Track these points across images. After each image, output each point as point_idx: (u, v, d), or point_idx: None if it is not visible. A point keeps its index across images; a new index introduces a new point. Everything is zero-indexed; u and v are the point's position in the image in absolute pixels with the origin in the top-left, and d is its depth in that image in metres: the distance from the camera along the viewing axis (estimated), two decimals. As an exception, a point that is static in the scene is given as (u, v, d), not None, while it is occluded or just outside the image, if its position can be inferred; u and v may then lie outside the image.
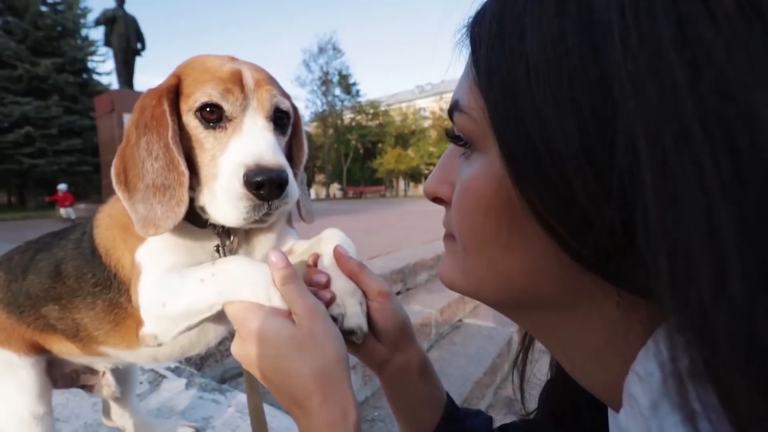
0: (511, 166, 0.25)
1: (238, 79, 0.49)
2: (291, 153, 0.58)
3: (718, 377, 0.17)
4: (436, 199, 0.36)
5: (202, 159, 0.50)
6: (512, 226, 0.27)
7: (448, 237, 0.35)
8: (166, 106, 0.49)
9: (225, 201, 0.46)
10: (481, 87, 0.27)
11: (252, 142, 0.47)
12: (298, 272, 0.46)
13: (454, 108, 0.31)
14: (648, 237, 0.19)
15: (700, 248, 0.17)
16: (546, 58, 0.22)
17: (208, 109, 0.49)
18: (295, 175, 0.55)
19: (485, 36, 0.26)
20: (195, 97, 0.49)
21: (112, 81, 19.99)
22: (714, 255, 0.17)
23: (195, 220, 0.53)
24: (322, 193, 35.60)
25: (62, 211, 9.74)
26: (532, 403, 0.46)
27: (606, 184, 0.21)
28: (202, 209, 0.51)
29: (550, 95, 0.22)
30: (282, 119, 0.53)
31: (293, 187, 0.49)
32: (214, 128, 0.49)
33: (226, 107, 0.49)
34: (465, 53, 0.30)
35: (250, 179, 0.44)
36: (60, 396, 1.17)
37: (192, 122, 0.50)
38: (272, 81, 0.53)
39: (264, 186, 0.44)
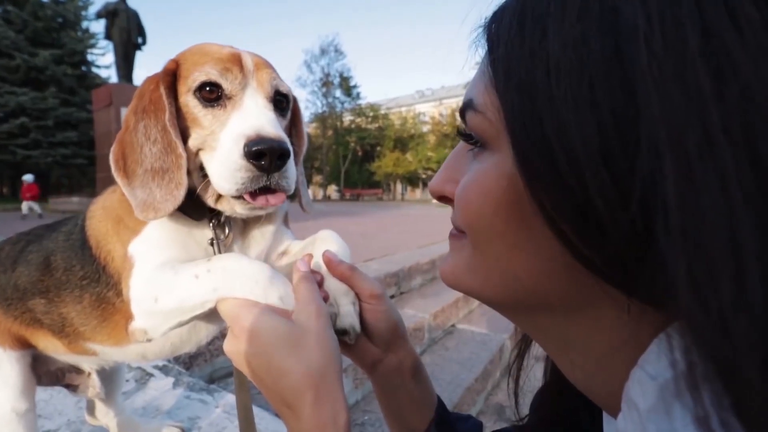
0: (524, 167, 0.24)
1: (237, 60, 0.49)
2: (291, 141, 0.58)
3: (734, 381, 0.17)
4: (442, 198, 0.35)
5: (201, 136, 0.49)
6: (521, 226, 0.27)
7: (454, 235, 0.35)
8: (163, 89, 0.49)
9: (222, 173, 0.46)
10: (498, 86, 0.26)
11: (253, 116, 0.47)
12: (312, 276, 0.46)
13: (467, 107, 0.30)
14: (669, 241, 0.19)
15: (721, 254, 0.17)
16: (567, 60, 0.22)
17: (207, 89, 0.49)
18: (296, 162, 0.55)
19: (504, 35, 0.26)
20: (194, 77, 0.49)
21: (111, 74, 19.96)
22: (735, 261, 0.17)
23: (190, 211, 0.52)
24: (320, 194, 35.56)
25: (24, 205, 8.74)
26: (525, 410, 0.46)
27: (623, 190, 0.21)
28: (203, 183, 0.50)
29: (570, 97, 0.22)
30: (282, 102, 0.53)
31: (293, 166, 0.48)
32: (213, 106, 0.49)
33: (226, 85, 0.48)
34: (480, 52, 0.30)
35: (251, 148, 0.44)
36: (44, 392, 1.15)
37: (191, 102, 0.49)
38: (271, 66, 0.53)
39: (265, 156, 0.44)
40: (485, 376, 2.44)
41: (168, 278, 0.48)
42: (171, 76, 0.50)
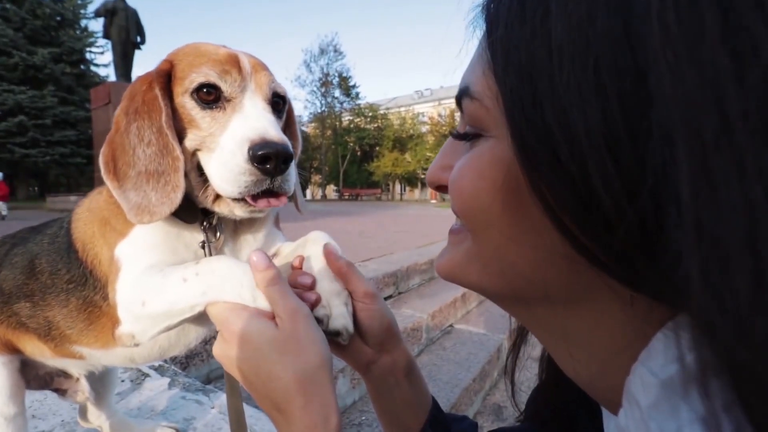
0: (523, 155, 0.23)
1: (235, 61, 0.49)
2: None
3: (748, 384, 0.16)
4: (441, 188, 0.34)
5: (198, 137, 0.49)
6: (519, 214, 0.26)
7: (454, 231, 0.34)
8: (158, 91, 0.48)
9: (225, 175, 0.45)
10: (496, 70, 0.25)
11: (255, 119, 0.47)
12: (281, 273, 0.45)
13: (463, 93, 0.29)
14: (681, 236, 0.17)
15: (738, 250, 0.16)
16: (571, 41, 0.21)
17: (205, 90, 0.48)
18: None
19: (504, 15, 0.25)
20: (191, 78, 0.48)
21: (109, 73, 19.92)
22: (753, 258, 0.16)
23: (182, 214, 0.51)
24: (319, 194, 35.56)
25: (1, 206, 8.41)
26: (523, 407, 0.46)
27: (629, 179, 0.20)
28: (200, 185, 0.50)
29: (574, 81, 0.20)
30: (278, 104, 0.53)
31: (293, 169, 0.48)
32: (211, 108, 0.48)
33: (225, 87, 0.48)
34: (478, 34, 0.29)
35: (256, 152, 0.43)
36: (38, 393, 1.14)
37: (188, 103, 0.49)
38: (267, 67, 0.53)
39: (270, 159, 0.44)
40: (483, 376, 2.43)
41: (156, 282, 0.47)
42: (165, 77, 0.49)
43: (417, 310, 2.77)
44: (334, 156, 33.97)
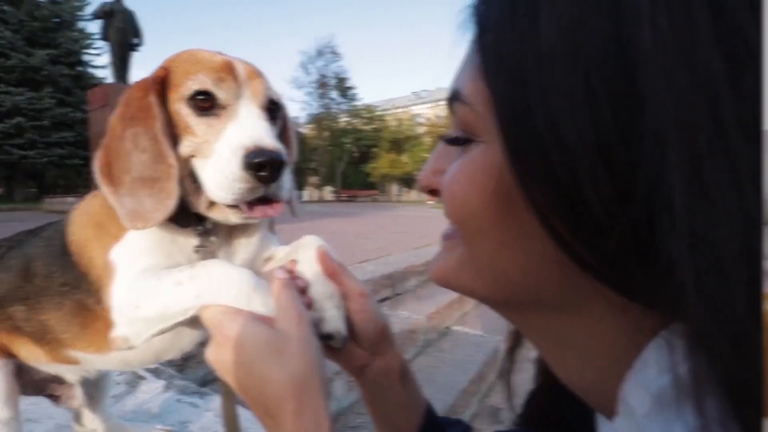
0: (514, 160, 0.23)
1: (230, 68, 0.49)
2: None
3: (744, 398, 0.16)
4: (433, 192, 0.34)
5: (193, 144, 0.49)
6: (511, 220, 0.26)
7: (446, 236, 0.34)
8: (153, 98, 0.48)
9: (219, 182, 0.46)
10: (487, 74, 0.25)
11: (250, 126, 0.47)
12: (291, 282, 0.46)
13: (454, 98, 0.29)
14: (675, 244, 0.17)
15: (734, 260, 0.16)
16: (561, 45, 0.20)
17: (200, 97, 0.48)
18: None
19: (493, 17, 0.24)
20: (187, 85, 0.48)
21: (107, 74, 19.86)
22: (749, 268, 0.16)
23: (177, 218, 0.51)
24: (316, 195, 35.53)
25: None
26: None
27: (621, 186, 0.19)
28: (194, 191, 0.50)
29: (563, 86, 0.20)
30: (273, 111, 0.54)
31: (288, 175, 0.49)
32: (207, 116, 0.49)
33: (220, 95, 0.48)
34: (469, 36, 0.28)
35: (251, 160, 0.44)
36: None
37: (183, 110, 0.49)
38: (262, 74, 0.53)
39: (264, 167, 0.44)
40: (480, 378, 2.44)
41: (150, 285, 0.48)
42: (160, 84, 0.50)
43: (414, 311, 2.77)
44: (331, 157, 33.94)
